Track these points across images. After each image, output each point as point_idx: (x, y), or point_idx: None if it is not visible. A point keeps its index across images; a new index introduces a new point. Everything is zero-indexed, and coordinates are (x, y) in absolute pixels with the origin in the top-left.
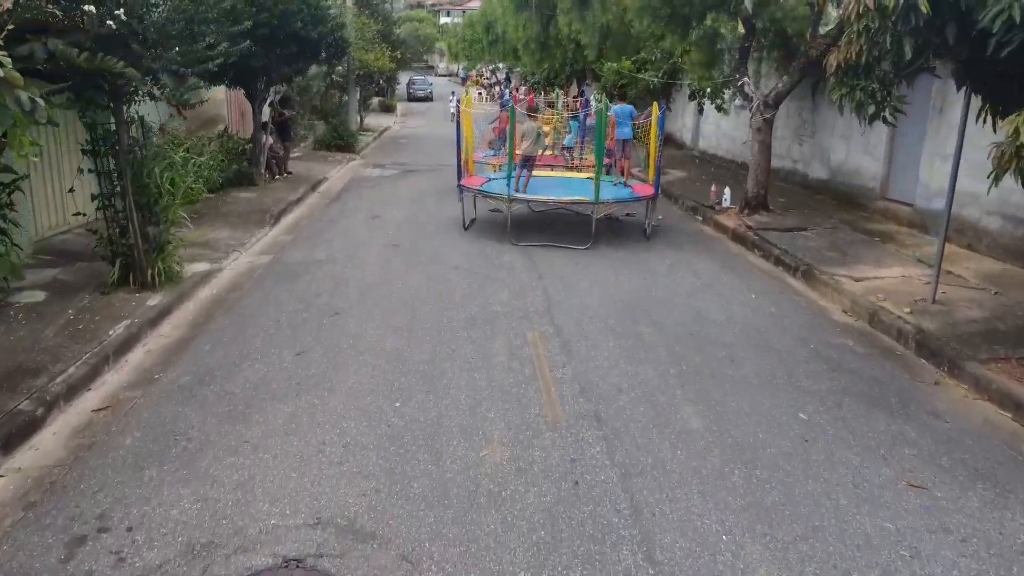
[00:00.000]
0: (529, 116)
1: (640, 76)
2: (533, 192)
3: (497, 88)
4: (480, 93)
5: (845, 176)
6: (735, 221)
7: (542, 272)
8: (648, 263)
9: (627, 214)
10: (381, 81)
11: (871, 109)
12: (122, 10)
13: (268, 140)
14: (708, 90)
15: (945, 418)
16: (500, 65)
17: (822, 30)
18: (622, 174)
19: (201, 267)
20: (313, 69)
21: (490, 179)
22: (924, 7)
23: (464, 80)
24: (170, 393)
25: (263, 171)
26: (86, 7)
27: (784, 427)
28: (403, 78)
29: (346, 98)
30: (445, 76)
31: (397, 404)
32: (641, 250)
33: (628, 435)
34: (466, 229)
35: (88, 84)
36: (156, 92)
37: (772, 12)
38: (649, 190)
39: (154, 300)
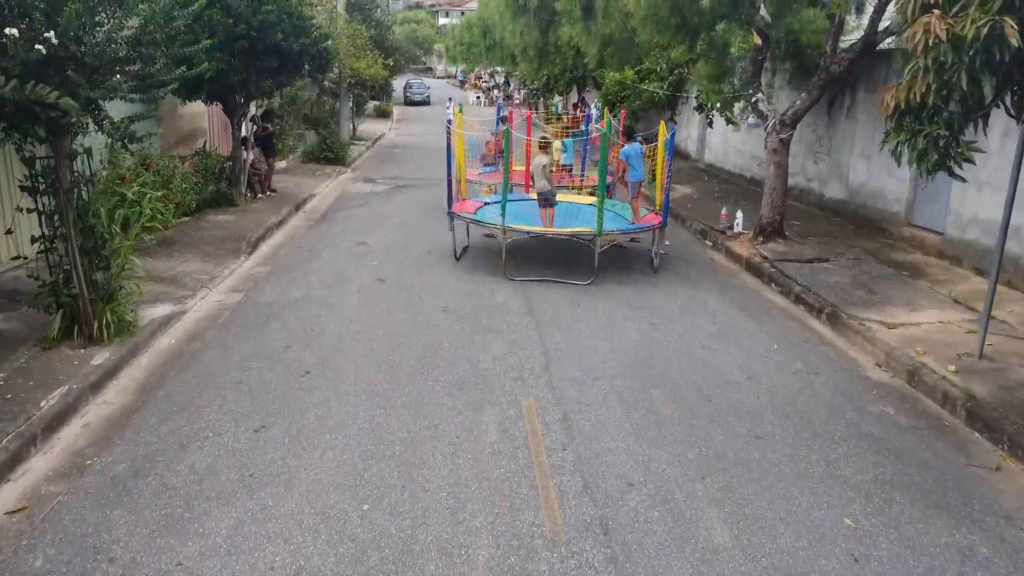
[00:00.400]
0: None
1: (644, 87)
2: (532, 221)
3: (496, 92)
4: (479, 96)
5: (866, 198)
6: (749, 249)
7: (539, 317)
8: (657, 303)
9: (632, 239)
10: (375, 87)
11: (934, 157)
12: (53, 32)
13: (249, 156)
14: (717, 104)
15: (1019, 523)
16: (499, 69)
17: (842, 43)
18: (634, 214)
19: (162, 310)
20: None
21: (485, 203)
22: (1015, 39)
23: (463, 83)
24: (100, 488)
25: (244, 190)
26: (7, 30)
27: (828, 539)
28: (400, 81)
29: (339, 106)
30: (444, 78)
31: (365, 507)
32: (648, 286)
33: (642, 554)
34: (458, 259)
35: (23, 115)
36: (100, 124)
37: (789, 23)
38: (656, 219)
39: (100, 358)
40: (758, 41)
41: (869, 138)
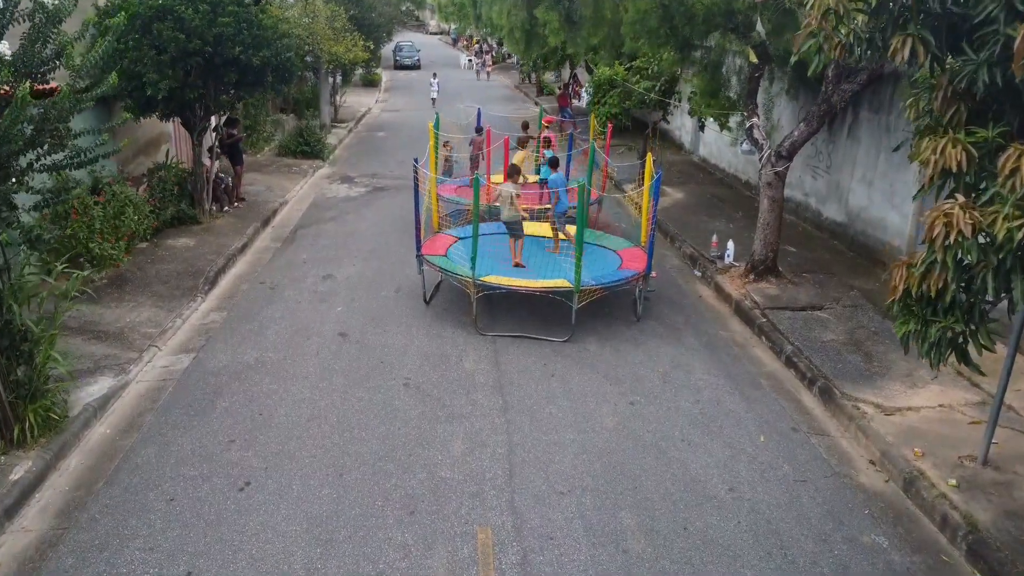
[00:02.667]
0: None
1: (636, 88)
2: (502, 269)
3: (489, 56)
4: (470, 60)
5: (865, 224)
6: (739, 288)
7: (508, 395)
8: (637, 371)
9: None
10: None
11: (948, 351)
12: None
13: (215, 167)
14: (710, 118)
15: None
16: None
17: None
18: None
19: (99, 387)
20: None
21: (458, 239)
22: None
23: (455, 41)
24: None
25: (207, 206)
26: None
27: None
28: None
29: (320, 86)
30: (437, 34)
31: None
32: (630, 343)
33: None
34: (428, 303)
35: None
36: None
37: (788, 41)
38: (640, 262)
39: (21, 469)
40: (754, 59)
41: (871, 162)
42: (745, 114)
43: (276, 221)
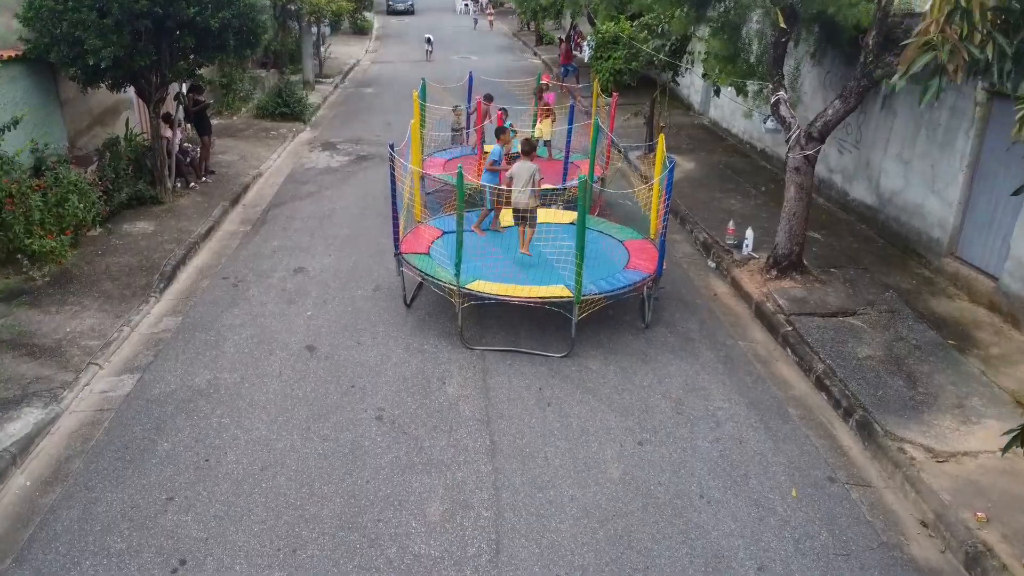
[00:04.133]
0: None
1: (644, 48)
2: (491, 273)
3: (488, 1)
4: (466, 5)
5: (899, 211)
6: (760, 286)
7: (497, 433)
8: (646, 397)
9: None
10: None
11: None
12: None
13: (179, 138)
14: (728, 85)
15: None
16: None
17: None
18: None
19: (24, 422)
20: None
21: (443, 233)
22: None
23: None
24: None
25: (170, 184)
26: None
27: None
28: None
29: (303, 40)
30: None
31: None
32: (637, 359)
33: None
34: (409, 306)
35: None
36: None
37: (822, 1)
38: (650, 260)
39: None
40: (782, 23)
41: (909, 138)
42: (770, 86)
43: (247, 198)
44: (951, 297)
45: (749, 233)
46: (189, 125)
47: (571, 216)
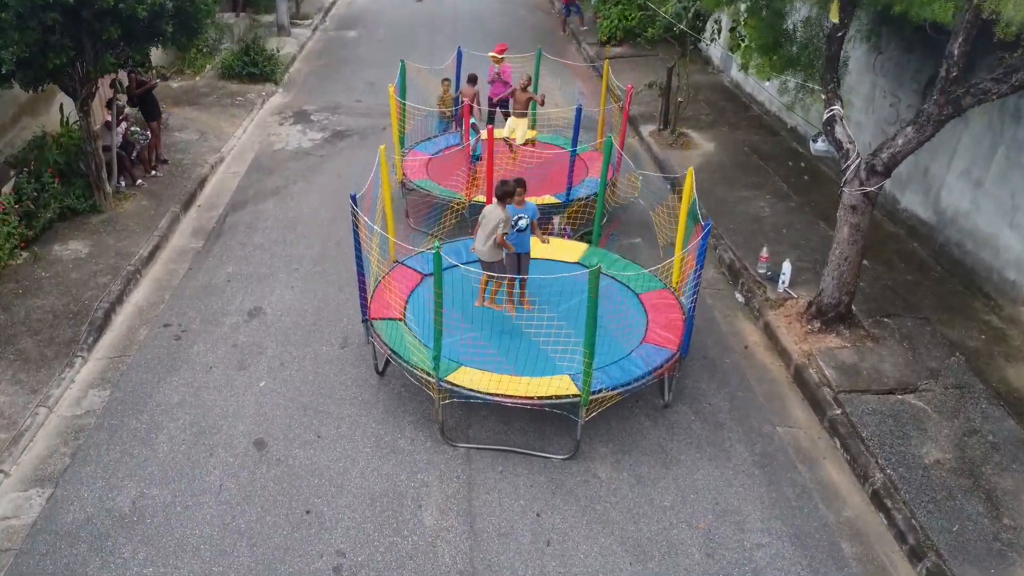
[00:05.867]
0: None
1: (664, 13)
2: (478, 356)
3: None
4: None
5: (963, 235)
6: (800, 339)
7: None
8: (669, 528)
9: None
10: None
11: None
12: None
13: (120, 130)
14: (768, 79)
15: None
16: None
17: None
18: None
19: None
20: None
21: (425, 276)
22: None
23: None
24: None
25: (109, 189)
26: None
27: None
28: None
29: None
30: None
31: None
32: (656, 463)
33: None
34: (382, 374)
35: None
36: None
37: None
38: (674, 333)
39: None
40: (835, 17)
41: (983, 155)
42: (823, 97)
43: (203, 196)
44: None
45: (787, 268)
46: (127, 117)
47: (579, 252)
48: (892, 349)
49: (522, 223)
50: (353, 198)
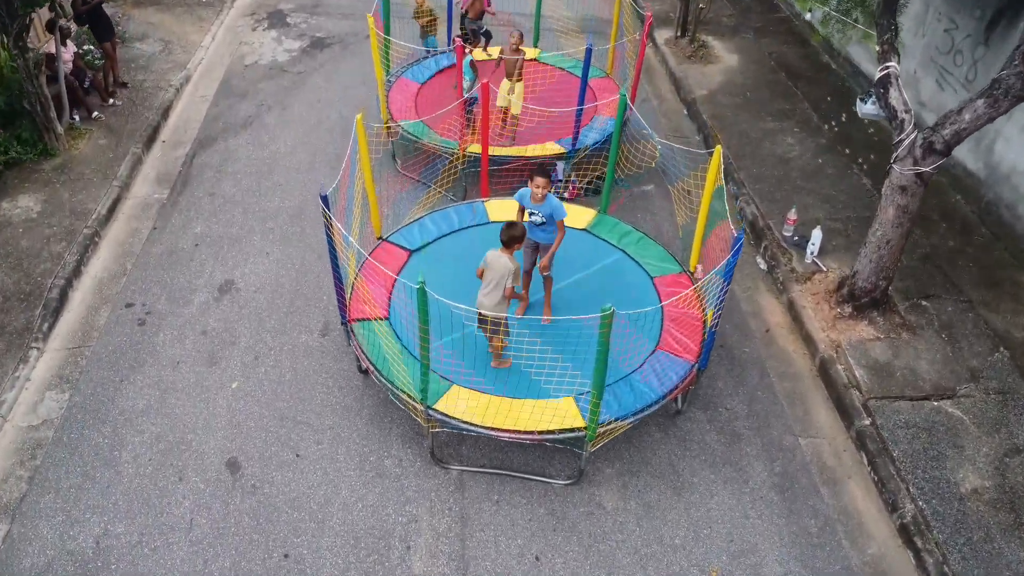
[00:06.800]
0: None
1: None
2: (469, 374)
3: None
4: None
5: (1016, 195)
6: (828, 326)
7: None
8: (679, 571)
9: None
10: None
11: None
12: None
13: (67, 56)
14: (808, 10)
15: None
16: None
17: None
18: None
19: None
20: None
21: (412, 252)
22: None
23: None
24: None
25: (61, 130)
26: None
27: None
28: None
29: None
30: None
31: None
32: (668, 486)
33: None
34: (365, 373)
35: None
36: None
37: None
38: (692, 337)
39: None
40: None
41: None
42: (876, 48)
43: (167, 130)
44: None
45: (816, 236)
46: (83, 29)
47: (587, 218)
48: (929, 342)
49: (536, 219)
50: (324, 198)
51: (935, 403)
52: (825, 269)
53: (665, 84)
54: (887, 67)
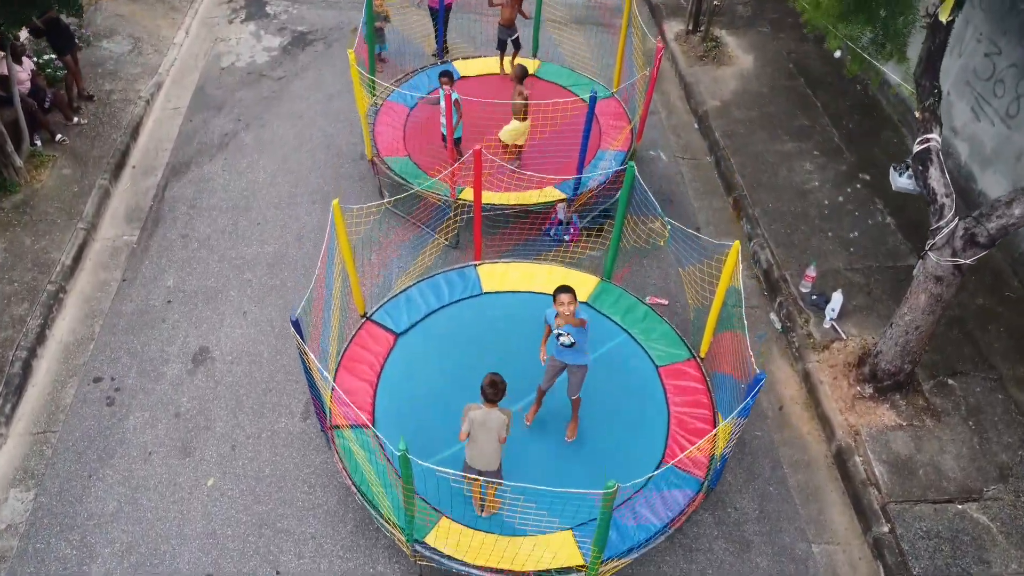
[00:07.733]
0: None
1: None
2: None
3: None
4: None
5: None
6: (847, 407)
7: None
8: None
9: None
10: None
11: None
12: None
13: (23, 76)
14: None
15: None
16: None
17: None
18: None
19: None
20: None
21: (400, 336)
22: None
23: None
24: None
25: (20, 162)
26: None
27: None
28: None
29: None
30: None
31: None
32: None
33: None
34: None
35: None
36: None
37: None
38: (699, 459)
39: None
40: (946, 15)
41: None
42: (917, 115)
43: (137, 153)
44: None
45: (837, 299)
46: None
47: (590, 286)
48: (955, 431)
49: (564, 340)
50: (295, 324)
51: (960, 506)
52: (845, 337)
53: (675, 90)
54: (928, 139)
